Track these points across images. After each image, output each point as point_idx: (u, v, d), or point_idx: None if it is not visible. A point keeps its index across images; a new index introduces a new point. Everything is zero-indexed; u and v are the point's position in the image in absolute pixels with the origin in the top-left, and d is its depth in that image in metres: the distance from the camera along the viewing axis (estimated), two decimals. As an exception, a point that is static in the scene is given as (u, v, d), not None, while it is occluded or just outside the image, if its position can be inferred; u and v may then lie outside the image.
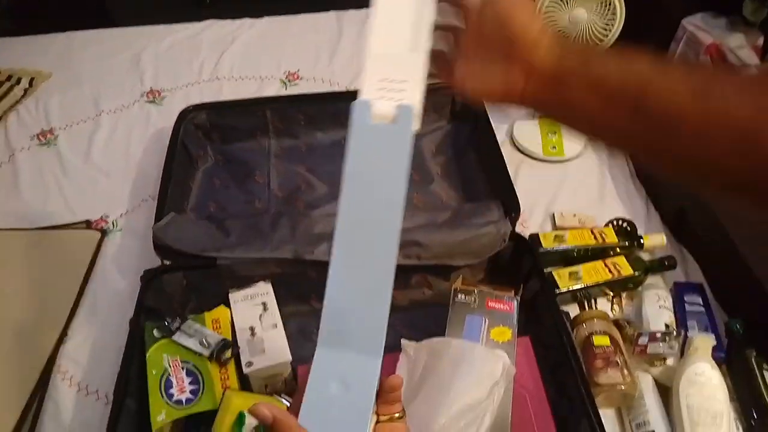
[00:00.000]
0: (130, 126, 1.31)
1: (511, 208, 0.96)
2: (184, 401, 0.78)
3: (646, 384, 0.84)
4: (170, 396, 0.79)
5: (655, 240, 1.02)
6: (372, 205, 0.50)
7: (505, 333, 0.81)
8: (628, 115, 0.44)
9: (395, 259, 0.49)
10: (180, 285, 0.95)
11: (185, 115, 1.16)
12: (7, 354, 0.93)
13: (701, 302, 0.94)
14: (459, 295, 0.85)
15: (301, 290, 0.95)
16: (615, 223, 1.06)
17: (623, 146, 0.51)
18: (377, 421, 0.49)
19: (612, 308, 0.97)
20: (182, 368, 0.81)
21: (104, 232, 1.11)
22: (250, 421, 0.73)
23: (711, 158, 0.41)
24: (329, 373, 0.48)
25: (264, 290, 0.91)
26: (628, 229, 1.05)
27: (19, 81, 1.41)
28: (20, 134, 1.29)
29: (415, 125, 0.50)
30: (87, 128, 1.30)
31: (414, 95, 0.51)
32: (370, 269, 0.49)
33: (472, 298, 0.85)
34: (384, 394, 0.50)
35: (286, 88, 1.40)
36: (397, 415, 0.49)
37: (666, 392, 0.85)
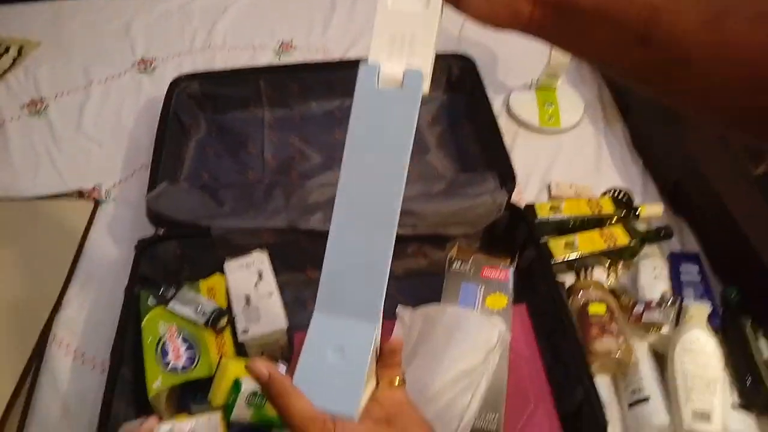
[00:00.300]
0: (122, 96, 1.29)
1: (507, 178, 0.96)
2: (180, 368, 0.78)
3: (641, 352, 0.85)
4: (166, 363, 0.78)
5: (652, 210, 1.02)
6: (375, 171, 0.49)
7: (501, 300, 0.81)
8: (636, 45, 0.43)
9: (396, 226, 0.48)
10: (174, 254, 0.94)
11: (177, 85, 1.14)
12: (1, 323, 0.92)
13: (697, 272, 0.94)
14: (454, 264, 0.85)
15: (296, 260, 0.95)
16: (611, 193, 1.06)
17: (631, 77, 0.48)
18: (377, 386, 0.49)
19: (608, 278, 0.98)
20: (178, 336, 0.81)
21: (97, 202, 1.10)
22: (247, 388, 0.73)
23: (720, 91, 0.40)
24: (326, 337, 0.48)
25: (259, 259, 0.91)
26: (625, 199, 1.05)
27: (7, 50, 1.39)
28: (10, 103, 1.27)
29: (425, 89, 0.48)
30: (77, 98, 1.28)
31: (425, 57, 0.49)
32: (371, 235, 0.48)
33: (468, 267, 0.84)
34: (384, 358, 0.50)
35: (279, 58, 1.38)
36: (397, 380, 0.49)
37: (661, 360, 0.85)
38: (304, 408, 0.44)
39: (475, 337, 0.71)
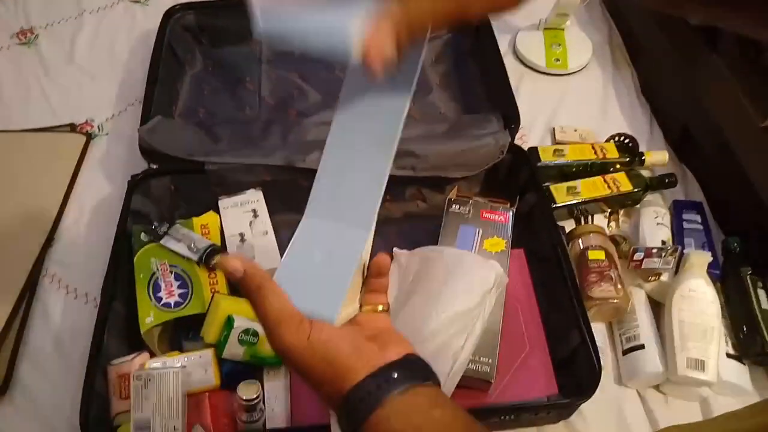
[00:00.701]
0: (115, 27, 1.25)
1: (511, 119, 0.93)
2: (172, 304, 0.77)
3: (638, 299, 0.84)
4: (158, 299, 0.78)
5: (657, 157, 0.99)
6: (377, 94, 0.46)
7: (499, 244, 0.80)
8: None
9: (399, 136, 0.46)
10: (168, 190, 0.92)
11: (171, 15, 1.10)
12: (-8, 256, 0.91)
13: (699, 220, 0.92)
14: (453, 205, 0.83)
15: (293, 199, 0.92)
16: (616, 138, 1.03)
17: None
18: (360, 311, 0.48)
19: (608, 225, 0.96)
20: (170, 272, 0.80)
21: (90, 136, 1.07)
22: (239, 324, 0.72)
23: None
24: (313, 239, 0.46)
25: (254, 197, 0.89)
26: (630, 145, 1.02)
27: (-5, -24, 1.33)
28: (-1, 32, 1.23)
29: None
30: (69, 28, 1.24)
31: None
32: (370, 144, 0.46)
33: (467, 209, 0.83)
34: (370, 280, 0.48)
35: (279, -9, 1.32)
36: (380, 307, 0.48)
37: (658, 309, 0.84)
38: (280, 305, 0.42)
39: (472, 278, 0.70)
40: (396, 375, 0.40)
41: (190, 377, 0.73)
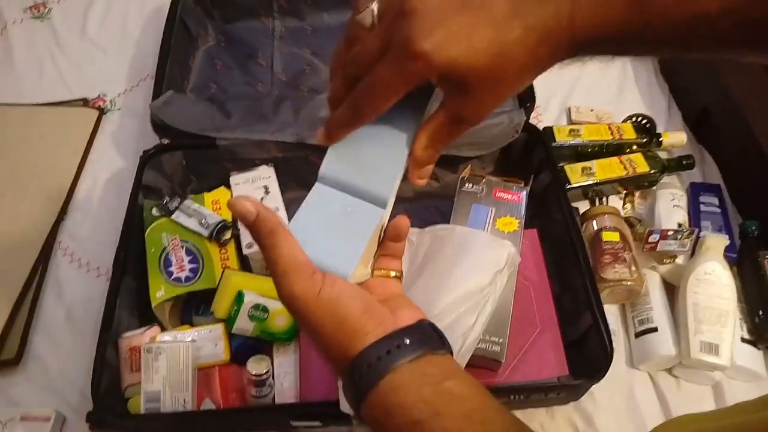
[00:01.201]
0: (127, 1, 1.24)
1: (527, 98, 0.91)
2: (183, 279, 0.77)
3: (652, 282, 0.83)
4: (169, 274, 0.78)
5: (675, 138, 0.98)
6: None
7: (512, 223, 0.79)
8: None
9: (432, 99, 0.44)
10: (180, 165, 0.92)
11: (184, -12, 1.09)
12: (6, 228, 0.92)
13: (717, 203, 0.91)
14: (466, 184, 0.82)
15: (304, 176, 0.92)
16: (634, 119, 1.01)
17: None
18: (371, 276, 0.46)
19: (624, 206, 0.95)
20: (181, 247, 0.80)
21: (102, 111, 1.07)
22: (250, 300, 0.72)
23: None
24: (334, 193, 0.44)
25: (266, 174, 0.88)
26: (647, 125, 1.00)
27: (9, -51, 1.32)
28: (12, 5, 1.22)
29: None
30: (81, 2, 1.23)
31: None
32: (401, 103, 0.43)
33: (480, 187, 0.82)
34: (386, 243, 0.47)
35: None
36: (393, 273, 0.46)
37: (672, 292, 0.83)
38: (292, 253, 0.39)
39: (483, 257, 0.69)
40: (408, 341, 0.38)
41: (200, 351, 0.73)
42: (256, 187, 0.87)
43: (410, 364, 0.37)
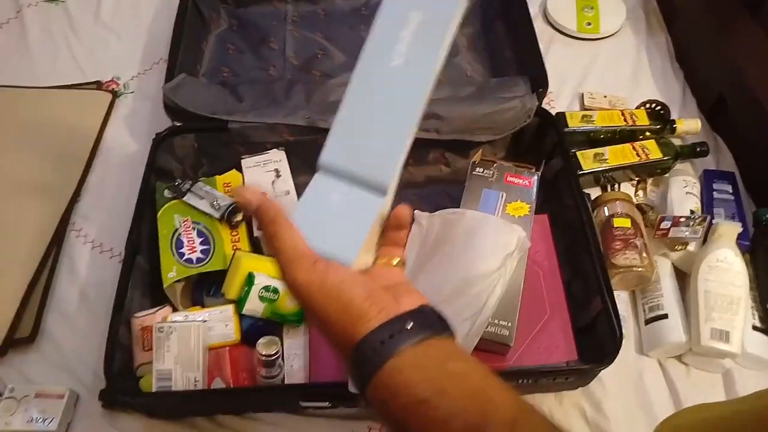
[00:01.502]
0: (141, -15, 1.24)
1: (539, 83, 0.91)
2: (194, 260, 0.78)
3: (664, 268, 0.83)
4: (181, 255, 0.78)
5: (690, 125, 0.97)
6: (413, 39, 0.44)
7: (522, 208, 0.78)
8: None
9: (433, 82, 0.44)
10: (192, 149, 0.92)
11: (197, -27, 1.09)
12: (21, 210, 0.93)
13: (731, 190, 0.90)
14: (477, 169, 0.82)
15: (315, 161, 0.92)
16: (647, 105, 1.00)
17: None
18: (374, 263, 0.47)
19: (636, 193, 0.94)
20: (193, 229, 0.80)
21: (115, 94, 1.08)
22: (260, 281, 0.73)
23: None
24: (335, 182, 0.44)
25: (277, 157, 0.89)
26: (661, 112, 0.99)
27: (23, -67, 1.32)
28: (27, -11, 1.23)
29: None
30: (95, -15, 1.23)
31: None
32: (402, 88, 0.44)
33: (491, 172, 0.81)
34: (389, 233, 0.47)
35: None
36: (395, 260, 0.46)
37: (683, 279, 0.83)
38: (294, 242, 0.41)
39: (493, 241, 0.69)
40: (410, 325, 0.39)
41: (211, 331, 0.74)
42: (268, 170, 0.88)
43: (413, 347, 0.38)
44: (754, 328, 0.77)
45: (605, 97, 1.04)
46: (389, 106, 0.44)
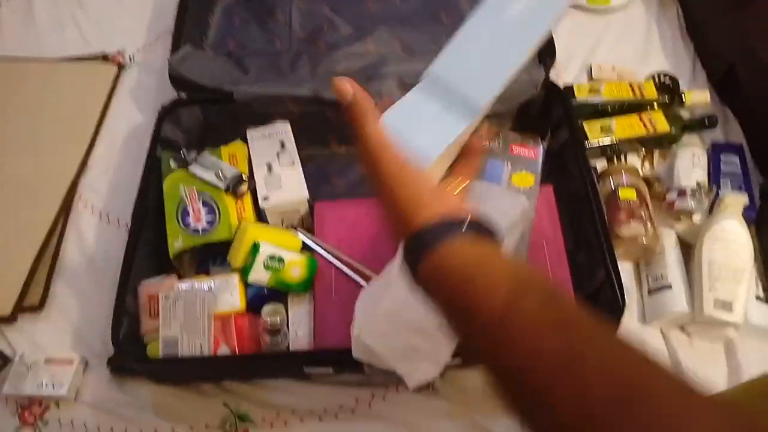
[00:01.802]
0: (146, -44, 1.23)
1: (546, 54, 0.90)
2: (200, 230, 0.79)
3: (669, 240, 0.82)
4: (187, 224, 0.79)
5: (699, 97, 0.96)
6: None
7: (527, 179, 0.78)
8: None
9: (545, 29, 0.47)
10: (197, 120, 0.93)
11: (202, -57, 1.08)
12: (28, 180, 0.94)
13: (738, 163, 0.89)
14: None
15: (320, 132, 0.92)
16: (656, 77, 0.99)
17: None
18: (442, 178, 0.48)
19: (642, 166, 0.93)
20: (199, 199, 0.81)
21: (121, 66, 1.08)
22: (264, 250, 0.74)
23: None
24: (432, 91, 0.47)
25: (282, 129, 0.89)
26: (670, 84, 0.98)
27: None
28: (32, -39, 1.22)
29: None
30: (101, -43, 1.23)
31: None
32: (518, 26, 0.47)
33: (496, 143, 0.81)
34: (463, 156, 0.49)
35: None
36: (460, 187, 0.48)
37: (688, 251, 0.83)
38: (381, 134, 0.44)
39: (497, 210, 0.69)
40: (468, 223, 0.42)
41: (217, 299, 0.75)
42: (272, 141, 0.88)
43: (468, 239, 0.42)
44: (758, 298, 0.77)
45: (613, 68, 1.03)
46: (504, 40, 0.47)
